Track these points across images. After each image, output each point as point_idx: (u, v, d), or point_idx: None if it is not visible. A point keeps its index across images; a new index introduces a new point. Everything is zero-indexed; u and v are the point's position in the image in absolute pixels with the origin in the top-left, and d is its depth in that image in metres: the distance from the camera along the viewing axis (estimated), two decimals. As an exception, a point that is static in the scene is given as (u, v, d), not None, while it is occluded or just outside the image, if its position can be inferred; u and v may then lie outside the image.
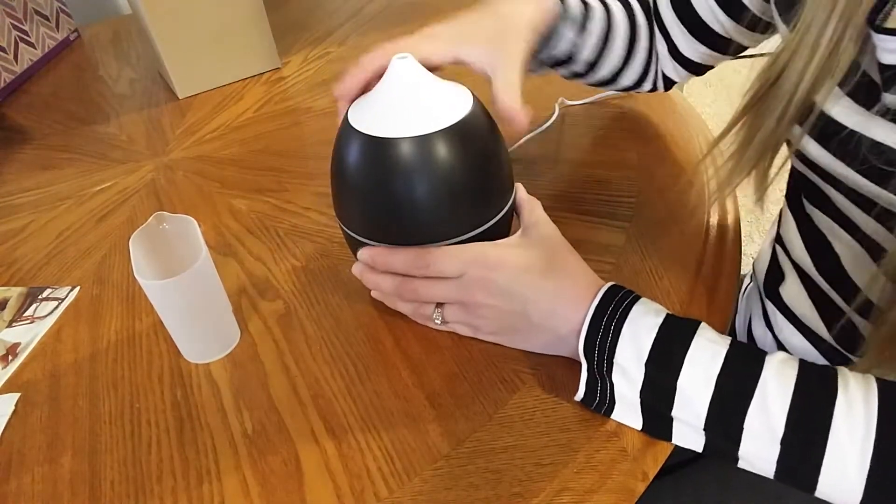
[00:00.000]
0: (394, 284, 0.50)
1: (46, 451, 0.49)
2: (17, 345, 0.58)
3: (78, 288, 0.63)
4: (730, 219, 0.61)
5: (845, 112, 0.44)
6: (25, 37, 1.07)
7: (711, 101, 1.99)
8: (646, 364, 0.42)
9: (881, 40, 0.41)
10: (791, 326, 0.59)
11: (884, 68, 0.41)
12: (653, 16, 0.65)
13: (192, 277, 0.48)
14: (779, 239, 0.61)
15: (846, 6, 0.40)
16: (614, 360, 0.43)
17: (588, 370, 0.44)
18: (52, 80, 1.07)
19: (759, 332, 0.63)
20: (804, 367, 0.41)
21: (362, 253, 0.50)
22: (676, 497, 0.58)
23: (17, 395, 0.53)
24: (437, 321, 0.51)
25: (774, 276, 0.60)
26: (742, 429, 0.40)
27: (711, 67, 0.65)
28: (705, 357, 0.41)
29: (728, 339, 0.42)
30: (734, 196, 0.62)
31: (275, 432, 0.47)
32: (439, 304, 0.50)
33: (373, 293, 0.54)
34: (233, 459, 0.46)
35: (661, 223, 0.60)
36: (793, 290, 0.58)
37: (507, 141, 0.52)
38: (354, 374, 0.51)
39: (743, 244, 0.60)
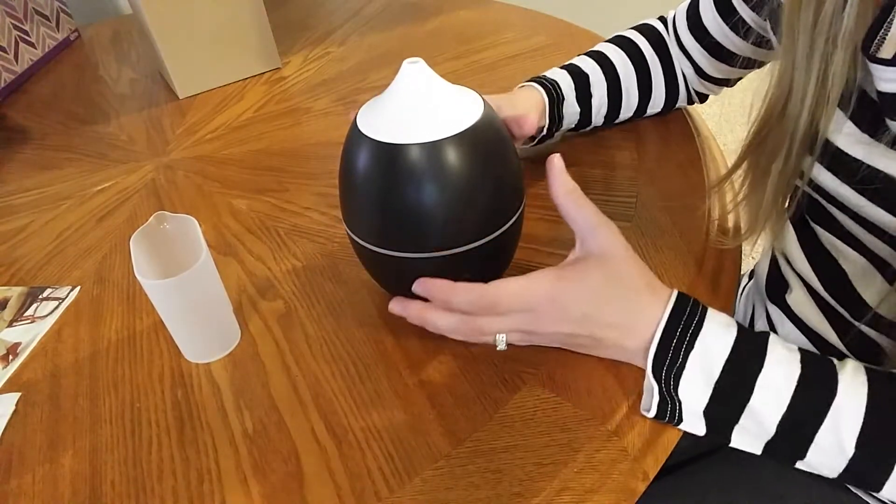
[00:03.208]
0: (454, 323, 0.46)
1: (47, 451, 0.49)
2: (17, 344, 0.58)
3: (78, 288, 0.63)
4: (730, 217, 0.61)
5: (850, 141, 0.45)
6: (25, 37, 1.07)
7: (711, 100, 1.99)
8: (715, 387, 0.42)
9: (876, 70, 0.41)
10: (798, 332, 0.58)
11: (882, 96, 0.41)
12: (674, 43, 0.69)
13: (193, 277, 0.48)
14: (778, 247, 0.60)
15: (829, 33, 0.41)
16: (681, 385, 0.43)
17: (658, 392, 0.44)
18: (52, 80, 1.07)
19: None
20: (874, 382, 0.41)
21: (417, 285, 0.46)
22: (677, 497, 0.58)
23: (17, 395, 0.53)
24: (500, 347, 0.48)
25: (778, 284, 0.60)
26: (810, 444, 0.40)
27: (741, 78, 0.68)
28: (778, 379, 0.41)
29: (798, 355, 0.42)
30: (734, 194, 0.62)
31: (275, 432, 0.47)
32: None
33: (391, 307, 0.49)
34: (233, 459, 0.46)
35: (661, 223, 0.60)
36: (799, 299, 0.58)
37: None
38: (355, 374, 0.51)
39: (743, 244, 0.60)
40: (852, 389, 0.40)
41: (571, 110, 0.67)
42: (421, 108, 0.46)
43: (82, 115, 0.95)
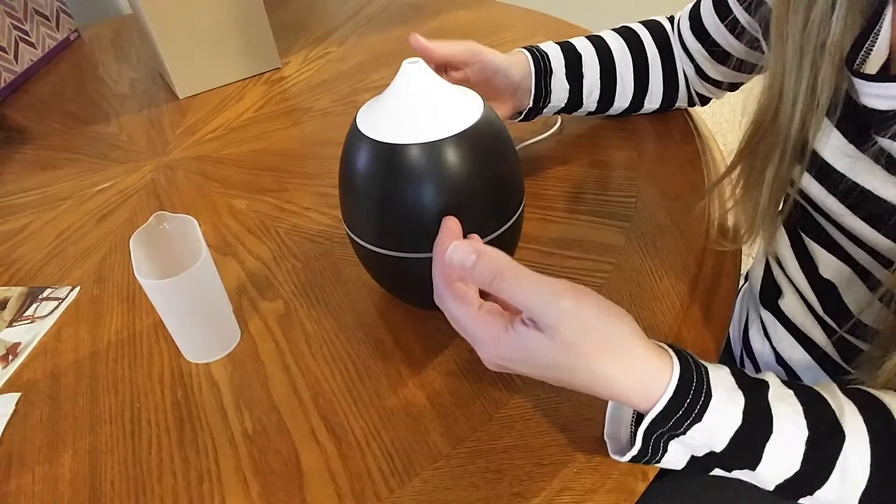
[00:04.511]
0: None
1: (46, 451, 0.49)
2: (17, 345, 0.58)
3: (78, 288, 0.63)
4: (730, 218, 0.61)
5: (836, 153, 0.44)
6: (25, 37, 1.07)
7: (712, 100, 1.98)
8: (719, 462, 0.39)
9: (860, 85, 0.41)
10: (791, 338, 0.58)
11: (866, 110, 0.41)
12: (677, 42, 0.69)
13: (193, 277, 0.48)
14: (773, 253, 0.60)
15: (815, 46, 0.41)
16: (668, 455, 0.39)
17: (640, 451, 0.39)
18: (52, 80, 1.07)
19: (758, 343, 0.63)
20: (877, 441, 0.38)
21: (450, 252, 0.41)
22: (677, 497, 0.58)
23: (17, 395, 0.53)
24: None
25: (772, 289, 0.60)
26: (812, 496, 0.39)
27: (742, 83, 0.67)
28: (785, 452, 0.38)
29: (803, 421, 0.38)
30: (732, 191, 0.62)
31: (275, 432, 0.47)
32: None
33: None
34: (233, 459, 0.46)
35: (661, 223, 0.60)
36: (792, 304, 0.58)
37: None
38: (354, 374, 0.51)
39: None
40: (857, 443, 0.38)
41: (560, 86, 0.66)
42: (421, 108, 0.46)
43: (82, 115, 0.95)
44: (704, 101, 0.72)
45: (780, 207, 0.52)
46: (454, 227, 0.44)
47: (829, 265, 0.52)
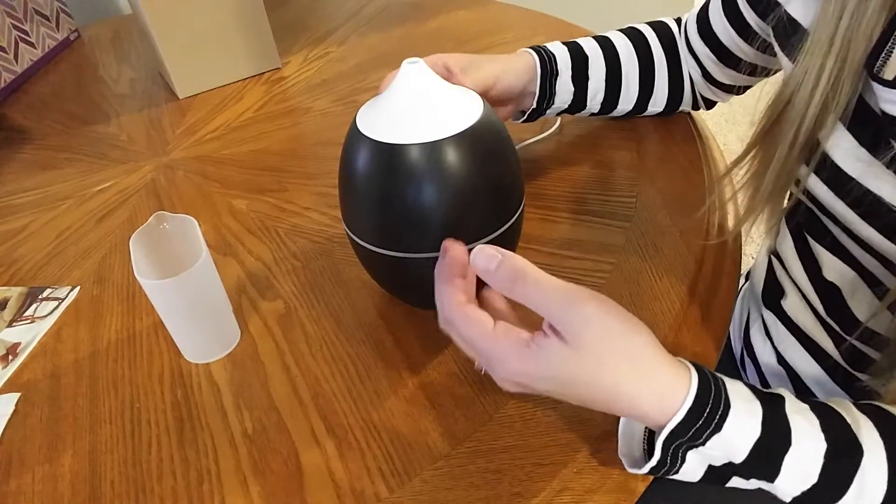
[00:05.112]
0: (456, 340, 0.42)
1: (46, 451, 0.49)
2: (17, 345, 0.58)
3: (78, 288, 0.63)
4: (730, 218, 0.61)
5: (848, 157, 0.44)
6: (25, 37, 1.07)
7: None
8: (736, 473, 0.39)
9: (879, 90, 0.41)
10: (792, 338, 0.58)
11: (885, 116, 0.41)
12: (683, 45, 0.68)
13: (192, 277, 0.48)
14: (776, 252, 0.60)
15: (841, 49, 0.40)
16: (685, 466, 0.39)
17: (659, 462, 0.39)
18: (52, 80, 1.07)
19: (759, 343, 0.63)
20: (894, 458, 0.38)
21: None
22: (676, 497, 0.58)
23: (17, 395, 0.53)
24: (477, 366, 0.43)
25: (774, 289, 0.60)
26: None
27: (749, 87, 0.66)
28: (803, 464, 0.38)
29: (821, 435, 0.39)
30: (734, 196, 0.62)
31: (275, 432, 0.47)
32: None
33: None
34: (233, 459, 0.46)
35: (661, 223, 0.60)
36: (795, 305, 0.57)
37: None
38: (354, 374, 0.51)
39: (743, 244, 0.60)
40: (877, 457, 0.38)
41: (565, 88, 0.66)
42: (421, 108, 0.46)
43: (82, 115, 0.95)
44: (710, 105, 0.72)
45: (784, 205, 0.52)
46: (458, 253, 0.42)
47: (833, 268, 0.52)
